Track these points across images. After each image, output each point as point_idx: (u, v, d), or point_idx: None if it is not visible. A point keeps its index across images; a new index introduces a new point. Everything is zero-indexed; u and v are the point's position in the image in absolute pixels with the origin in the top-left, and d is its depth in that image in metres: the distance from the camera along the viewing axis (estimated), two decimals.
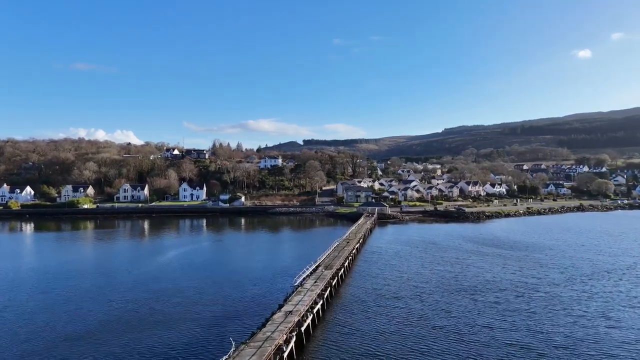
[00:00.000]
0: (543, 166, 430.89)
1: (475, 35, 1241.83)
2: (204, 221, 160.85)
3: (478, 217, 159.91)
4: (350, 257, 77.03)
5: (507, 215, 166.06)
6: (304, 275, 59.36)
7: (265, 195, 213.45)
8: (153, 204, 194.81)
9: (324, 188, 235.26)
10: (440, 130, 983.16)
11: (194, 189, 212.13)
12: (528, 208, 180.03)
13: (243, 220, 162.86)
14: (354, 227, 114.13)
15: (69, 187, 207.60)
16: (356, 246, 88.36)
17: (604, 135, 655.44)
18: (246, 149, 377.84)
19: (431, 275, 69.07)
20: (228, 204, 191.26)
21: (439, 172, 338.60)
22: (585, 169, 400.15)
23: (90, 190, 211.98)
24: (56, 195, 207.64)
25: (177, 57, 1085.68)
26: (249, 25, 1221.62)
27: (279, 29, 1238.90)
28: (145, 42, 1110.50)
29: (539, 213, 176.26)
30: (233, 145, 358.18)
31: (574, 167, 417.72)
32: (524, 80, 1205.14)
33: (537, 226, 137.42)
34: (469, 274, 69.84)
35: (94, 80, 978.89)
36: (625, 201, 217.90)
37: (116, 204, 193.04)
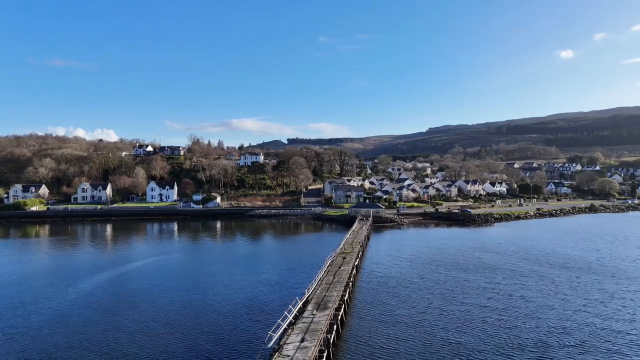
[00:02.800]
0: (535, 165, 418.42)
1: (459, 36, 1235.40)
2: (173, 226, 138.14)
3: (486, 220, 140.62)
4: (350, 284, 55.75)
5: (518, 217, 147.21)
6: (286, 324, 37.96)
7: (244, 196, 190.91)
8: (114, 205, 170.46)
9: (309, 187, 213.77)
10: (424, 130, 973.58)
11: (164, 188, 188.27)
12: (538, 209, 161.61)
13: (219, 224, 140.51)
14: (348, 235, 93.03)
15: (19, 186, 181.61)
16: (355, 263, 67.29)
17: (590, 134, 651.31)
18: (228, 147, 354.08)
19: (464, 315, 47.84)
20: (201, 206, 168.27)
21: (429, 171, 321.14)
22: (578, 167, 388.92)
23: (44, 190, 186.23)
24: (5, 195, 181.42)
25: (159, 54, 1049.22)
26: (232, 23, 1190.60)
27: (262, 25, 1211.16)
28: (125, 39, 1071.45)
29: (550, 215, 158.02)
30: (214, 143, 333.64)
31: (566, 165, 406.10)
32: (507, 80, 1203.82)
33: (559, 231, 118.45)
34: (518, 312, 48.91)
35: (72, 77, 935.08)
36: (636, 201, 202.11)
37: (70, 206, 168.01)
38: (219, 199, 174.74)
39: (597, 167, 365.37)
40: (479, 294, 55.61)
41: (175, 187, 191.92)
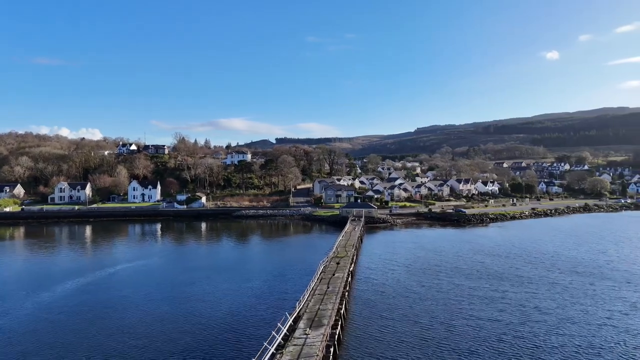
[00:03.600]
0: (524, 164, 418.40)
1: (446, 38, 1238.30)
2: (156, 227, 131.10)
3: (481, 220, 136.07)
4: (346, 294, 49.97)
5: (513, 217, 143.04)
6: (274, 348, 31.95)
7: (230, 196, 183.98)
8: (94, 206, 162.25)
9: (298, 187, 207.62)
10: (412, 130, 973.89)
11: (146, 188, 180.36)
12: (533, 209, 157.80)
13: (204, 226, 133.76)
14: (341, 238, 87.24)
15: None
16: (350, 269, 61.53)
17: (576, 133, 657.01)
18: (215, 146, 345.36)
19: (476, 332, 42.09)
20: (185, 206, 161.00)
21: (418, 170, 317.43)
22: (567, 166, 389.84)
23: (19, 190, 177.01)
24: None
25: (146, 54, 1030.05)
26: (220, 23, 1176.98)
27: (251, 25, 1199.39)
28: (112, 39, 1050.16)
29: (546, 214, 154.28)
30: (201, 142, 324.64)
31: (555, 165, 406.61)
32: (494, 81, 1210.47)
33: (558, 232, 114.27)
34: (536, 327, 43.28)
35: (58, 75, 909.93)
36: (629, 200, 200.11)
37: (46, 206, 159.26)
38: (204, 199, 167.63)
39: (586, 167, 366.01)
40: (488, 305, 50.18)
41: (159, 187, 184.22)
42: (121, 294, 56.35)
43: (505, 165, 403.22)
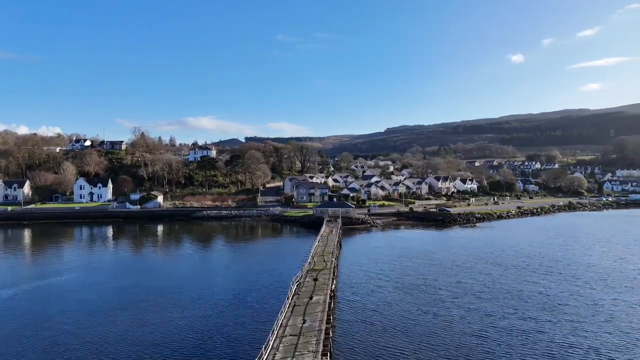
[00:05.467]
0: (495, 163, 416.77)
1: (415, 40, 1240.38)
2: (106, 231, 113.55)
3: (467, 220, 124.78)
4: (330, 331, 35.57)
5: (500, 216, 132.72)
6: None
7: (192, 195, 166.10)
8: (31, 206, 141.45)
9: (267, 185, 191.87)
10: (382, 130, 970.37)
11: (95, 186, 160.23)
12: (519, 207, 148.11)
13: (160, 229, 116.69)
14: (317, 243, 72.71)
15: None
16: (332, 287, 47.21)
17: (543, 133, 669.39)
18: (180, 144, 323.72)
19: None
20: (139, 206, 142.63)
21: (391, 169, 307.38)
22: (538, 165, 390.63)
23: None
24: None
25: (110, 52, 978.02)
26: (185, 20, 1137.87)
27: (219, 22, 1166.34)
28: (75, 35, 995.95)
29: (532, 213, 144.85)
30: (166, 140, 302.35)
31: (527, 163, 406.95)
32: (462, 82, 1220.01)
33: (555, 233, 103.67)
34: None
35: (9, 70, 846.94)
36: (610, 199, 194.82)
37: None
38: (160, 198, 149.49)
39: (556, 165, 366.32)
40: (524, 345, 36.68)
41: (110, 185, 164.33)
42: (12, 326, 39.95)
43: (477, 164, 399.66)
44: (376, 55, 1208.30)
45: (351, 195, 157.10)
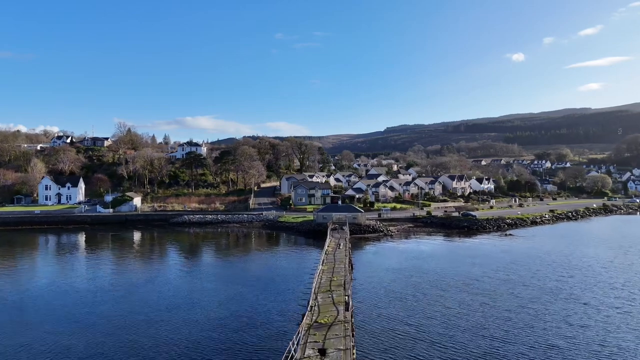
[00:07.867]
0: (503, 162, 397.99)
1: (415, 39, 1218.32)
2: (74, 238, 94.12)
3: (498, 227, 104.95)
4: None
5: (533, 222, 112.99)
6: None
7: (175, 196, 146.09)
8: None
9: (262, 185, 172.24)
10: (382, 129, 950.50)
11: (64, 186, 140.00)
12: (552, 210, 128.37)
13: (137, 236, 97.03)
14: (321, 266, 52.24)
15: None
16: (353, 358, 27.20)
17: (547, 132, 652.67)
18: (175, 142, 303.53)
19: None
20: (111, 209, 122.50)
21: (395, 167, 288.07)
22: (548, 164, 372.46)
23: None
24: None
25: (109, 52, 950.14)
26: (185, 18, 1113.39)
27: (217, 21, 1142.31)
28: (74, 35, 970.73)
29: (568, 218, 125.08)
30: (159, 139, 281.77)
31: (536, 162, 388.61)
32: (462, 81, 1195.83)
33: (616, 245, 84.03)
34: None
35: (9, 69, 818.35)
36: None
37: None
38: (137, 200, 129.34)
39: (568, 164, 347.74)
40: None
41: (82, 185, 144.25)
42: None
43: (483, 163, 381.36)
44: (376, 55, 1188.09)
45: (357, 196, 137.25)
